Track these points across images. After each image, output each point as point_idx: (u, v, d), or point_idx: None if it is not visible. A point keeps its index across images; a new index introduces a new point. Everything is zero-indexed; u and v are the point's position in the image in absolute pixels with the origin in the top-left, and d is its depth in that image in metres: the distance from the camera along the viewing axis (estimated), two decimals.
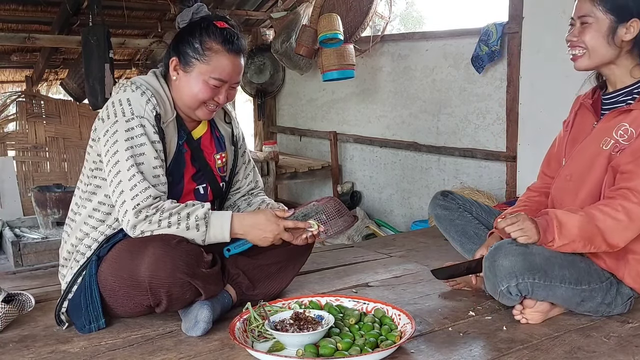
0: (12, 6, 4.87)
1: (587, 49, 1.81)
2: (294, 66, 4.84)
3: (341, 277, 2.38)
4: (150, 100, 1.74)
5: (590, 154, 1.84)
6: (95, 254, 1.78)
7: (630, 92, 1.82)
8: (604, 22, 1.77)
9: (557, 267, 1.73)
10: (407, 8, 11.75)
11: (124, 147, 1.69)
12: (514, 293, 1.75)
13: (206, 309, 1.72)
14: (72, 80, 5.53)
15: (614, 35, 1.78)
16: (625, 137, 1.75)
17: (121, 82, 1.79)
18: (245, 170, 2.11)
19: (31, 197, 4.61)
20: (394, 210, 4.62)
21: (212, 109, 1.85)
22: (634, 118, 1.76)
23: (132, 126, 1.71)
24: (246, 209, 2.07)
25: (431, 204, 2.24)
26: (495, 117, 3.78)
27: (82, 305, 1.76)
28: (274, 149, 4.82)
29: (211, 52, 1.78)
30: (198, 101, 1.81)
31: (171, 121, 1.82)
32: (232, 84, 1.84)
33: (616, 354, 1.61)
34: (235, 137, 2.05)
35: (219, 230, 1.74)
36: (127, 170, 1.69)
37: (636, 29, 1.77)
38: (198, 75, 1.78)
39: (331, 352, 1.52)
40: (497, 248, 1.75)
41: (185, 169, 1.86)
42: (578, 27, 1.82)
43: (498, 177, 3.78)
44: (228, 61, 1.79)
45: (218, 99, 1.82)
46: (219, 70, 1.78)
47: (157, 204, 1.70)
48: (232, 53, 1.80)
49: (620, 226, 1.70)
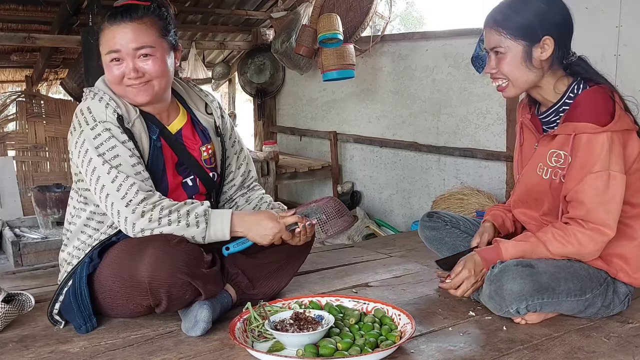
0: (12, 6, 4.86)
1: (509, 78, 1.78)
2: (294, 66, 4.84)
3: (341, 277, 2.38)
4: (110, 104, 1.74)
5: (532, 182, 1.87)
6: (88, 256, 1.79)
7: (557, 111, 1.81)
8: (517, 48, 1.74)
9: (563, 282, 1.74)
10: (407, 8, 11.73)
11: (95, 154, 1.69)
12: (522, 312, 1.76)
13: (206, 309, 1.72)
14: (72, 80, 5.52)
15: (530, 58, 1.74)
16: (561, 162, 1.76)
17: (85, 90, 1.80)
18: (237, 161, 2.08)
19: (31, 197, 4.61)
20: (394, 210, 4.62)
21: (138, 85, 1.75)
22: (560, 143, 1.76)
23: (98, 132, 1.71)
24: (244, 205, 2.06)
25: (419, 227, 2.26)
26: (495, 117, 3.78)
27: (73, 306, 1.76)
28: (274, 148, 4.82)
29: (100, 32, 1.78)
30: (112, 83, 1.79)
31: (136, 119, 1.79)
32: (129, 51, 1.73)
33: (616, 354, 1.61)
34: (219, 127, 2.01)
35: (219, 227, 1.73)
36: (107, 174, 1.69)
37: (550, 45, 1.73)
38: (102, 59, 1.78)
39: (331, 352, 1.52)
40: (503, 271, 1.74)
41: (165, 162, 1.84)
42: (493, 58, 1.79)
43: (498, 177, 3.78)
44: (110, 33, 1.75)
45: (129, 74, 1.74)
46: (106, 45, 1.76)
47: (154, 201, 1.70)
48: (114, 23, 1.74)
49: (572, 252, 1.77)
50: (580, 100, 1.75)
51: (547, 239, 1.77)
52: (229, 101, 6.69)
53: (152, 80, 1.77)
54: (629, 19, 2.98)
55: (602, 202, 1.69)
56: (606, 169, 1.67)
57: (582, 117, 1.71)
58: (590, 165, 1.69)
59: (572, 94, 1.78)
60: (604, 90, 1.75)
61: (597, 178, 1.68)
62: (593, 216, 1.71)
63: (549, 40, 1.73)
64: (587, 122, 1.69)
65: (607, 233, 1.72)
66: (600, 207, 1.70)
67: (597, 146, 1.67)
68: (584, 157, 1.69)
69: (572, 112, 1.75)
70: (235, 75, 6.02)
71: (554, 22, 1.74)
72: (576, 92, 1.77)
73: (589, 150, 1.69)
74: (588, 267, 1.81)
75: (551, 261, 1.77)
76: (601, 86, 1.76)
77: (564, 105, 1.79)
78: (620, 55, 3.00)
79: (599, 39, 2.98)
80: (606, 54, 2.97)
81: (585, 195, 1.70)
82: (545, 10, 1.74)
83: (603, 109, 1.70)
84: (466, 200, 3.64)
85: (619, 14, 3.01)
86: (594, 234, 1.73)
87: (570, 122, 1.73)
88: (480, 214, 3.28)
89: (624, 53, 2.99)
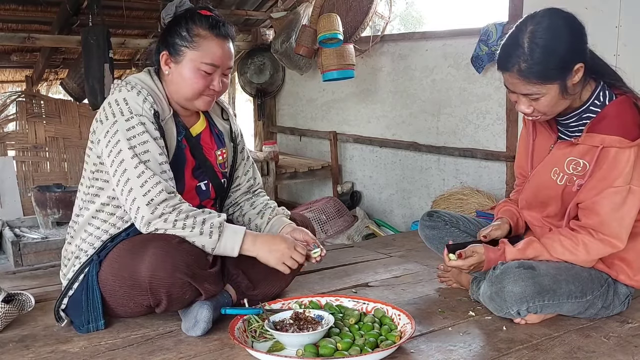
0: (12, 6, 4.87)
1: (546, 113, 1.73)
2: (294, 66, 4.84)
3: (341, 277, 2.38)
4: (147, 99, 1.74)
5: (544, 184, 1.85)
6: (97, 254, 1.78)
7: (580, 117, 1.78)
8: (553, 89, 1.66)
9: (564, 284, 1.75)
10: (407, 8, 11.72)
11: (126, 146, 1.68)
12: (523, 314, 1.77)
13: (206, 309, 1.72)
14: (72, 80, 5.52)
15: (567, 90, 1.67)
16: (579, 170, 1.75)
17: (116, 82, 1.79)
18: (244, 167, 2.10)
19: (31, 197, 4.61)
20: (394, 210, 4.62)
21: (210, 98, 1.85)
22: (582, 152, 1.74)
23: (132, 125, 1.70)
24: (249, 210, 2.07)
25: (419, 227, 2.26)
26: (495, 117, 3.78)
27: (82, 303, 1.76)
28: (274, 149, 4.82)
29: (199, 38, 1.78)
30: (194, 90, 1.80)
31: (169, 118, 1.81)
32: (224, 69, 1.83)
33: (616, 354, 1.62)
34: (234, 133, 2.05)
35: (230, 243, 1.72)
36: (134, 168, 1.68)
37: (581, 70, 1.67)
38: (189, 63, 1.78)
39: (331, 352, 1.52)
40: (504, 272, 1.75)
41: (185, 165, 1.86)
42: (524, 100, 1.71)
43: (498, 177, 3.78)
44: (217, 45, 1.79)
45: (213, 87, 1.81)
46: (210, 55, 1.78)
47: (174, 204, 1.69)
48: (220, 37, 1.80)
49: (577, 260, 1.78)
50: (608, 112, 1.71)
51: (554, 247, 1.78)
52: (229, 101, 6.69)
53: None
54: (628, 19, 2.98)
55: (618, 216, 1.70)
56: (627, 183, 1.67)
57: (611, 130, 1.68)
58: (612, 178, 1.68)
59: (598, 101, 1.74)
60: (630, 101, 1.72)
61: (617, 193, 1.68)
62: (606, 228, 1.71)
63: (580, 66, 1.67)
64: (616, 136, 1.67)
65: (618, 245, 1.73)
66: (615, 222, 1.70)
67: (623, 160, 1.66)
68: (608, 170, 1.68)
69: (599, 123, 1.71)
70: (235, 75, 6.02)
71: (580, 47, 1.68)
72: (602, 101, 1.74)
73: (613, 163, 1.67)
74: (589, 268, 1.81)
75: (552, 263, 1.78)
76: (627, 95, 1.73)
77: (587, 112, 1.76)
78: (619, 55, 3.00)
79: (599, 39, 2.96)
80: (605, 54, 2.93)
81: (602, 208, 1.70)
82: (571, 39, 1.65)
83: (632, 122, 1.68)
84: (466, 201, 3.64)
85: (618, 14, 3.01)
86: (603, 245, 1.73)
87: (598, 133, 1.70)
88: (481, 213, 3.28)
89: (623, 53, 2.99)
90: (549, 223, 1.89)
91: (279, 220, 1.99)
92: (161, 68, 1.84)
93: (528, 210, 1.96)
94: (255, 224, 2.03)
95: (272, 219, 2.01)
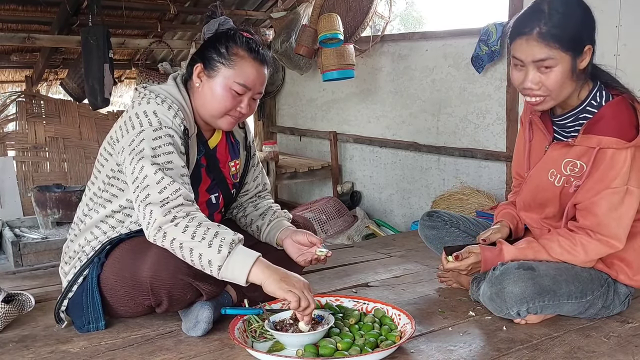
0: (12, 6, 4.87)
1: (551, 92, 1.68)
2: (294, 66, 4.84)
3: (341, 277, 2.38)
4: (178, 114, 1.72)
5: (541, 186, 1.85)
6: (98, 256, 1.78)
7: (576, 117, 1.77)
8: (566, 60, 1.64)
9: (564, 284, 1.75)
10: (407, 8, 11.73)
11: (150, 154, 1.63)
12: (523, 315, 1.77)
13: (207, 309, 1.72)
14: (72, 80, 5.52)
15: (575, 70, 1.66)
16: (576, 171, 1.75)
17: (140, 91, 1.74)
18: (253, 173, 2.10)
19: (31, 197, 4.61)
20: (394, 210, 4.62)
21: (235, 119, 1.82)
22: (579, 154, 1.74)
23: (159, 135, 1.67)
24: (252, 212, 2.07)
25: (419, 227, 2.26)
26: (495, 117, 3.78)
27: (82, 304, 1.76)
28: (274, 149, 4.82)
29: (237, 57, 1.77)
30: (221, 108, 1.78)
31: (193, 134, 1.81)
32: (255, 93, 1.81)
33: (616, 353, 1.62)
34: (249, 141, 2.05)
35: (240, 264, 1.56)
36: (154, 174, 1.62)
37: (589, 54, 1.67)
38: (222, 79, 1.76)
39: (331, 352, 1.52)
40: (504, 273, 1.75)
41: (201, 183, 1.86)
42: (534, 72, 1.66)
43: (498, 177, 3.78)
44: (252, 68, 1.78)
45: (241, 109, 1.80)
46: (244, 76, 1.77)
47: (189, 210, 1.61)
48: (257, 61, 1.80)
49: (576, 260, 1.78)
50: (605, 113, 1.71)
51: (552, 247, 1.78)
52: None
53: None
54: (628, 18, 2.98)
55: (616, 217, 1.70)
56: (625, 184, 1.67)
57: (608, 131, 1.67)
58: (609, 179, 1.68)
59: (595, 102, 1.74)
60: (627, 102, 1.72)
61: (615, 193, 1.68)
62: (604, 229, 1.71)
63: (589, 48, 1.66)
64: (612, 137, 1.66)
65: (617, 246, 1.73)
66: (614, 222, 1.70)
67: (620, 161, 1.66)
68: (605, 171, 1.68)
69: (596, 124, 1.71)
70: None
71: (591, 27, 1.68)
72: (599, 101, 1.73)
73: (610, 164, 1.67)
74: (589, 268, 1.81)
75: (552, 264, 1.78)
76: (623, 96, 1.73)
77: (584, 112, 1.75)
78: (619, 55, 3.00)
79: (599, 38, 2.97)
80: (606, 53, 2.97)
81: (600, 208, 1.70)
82: (584, 17, 1.66)
83: (628, 123, 1.68)
84: (466, 200, 3.65)
85: (618, 14, 3.01)
86: (601, 245, 1.73)
87: (595, 134, 1.69)
88: (481, 214, 3.28)
89: (623, 53, 3.00)
90: (547, 224, 1.89)
91: (279, 222, 1.99)
92: (192, 79, 1.82)
93: (526, 211, 1.96)
94: (256, 225, 2.03)
95: (272, 221, 2.01)
